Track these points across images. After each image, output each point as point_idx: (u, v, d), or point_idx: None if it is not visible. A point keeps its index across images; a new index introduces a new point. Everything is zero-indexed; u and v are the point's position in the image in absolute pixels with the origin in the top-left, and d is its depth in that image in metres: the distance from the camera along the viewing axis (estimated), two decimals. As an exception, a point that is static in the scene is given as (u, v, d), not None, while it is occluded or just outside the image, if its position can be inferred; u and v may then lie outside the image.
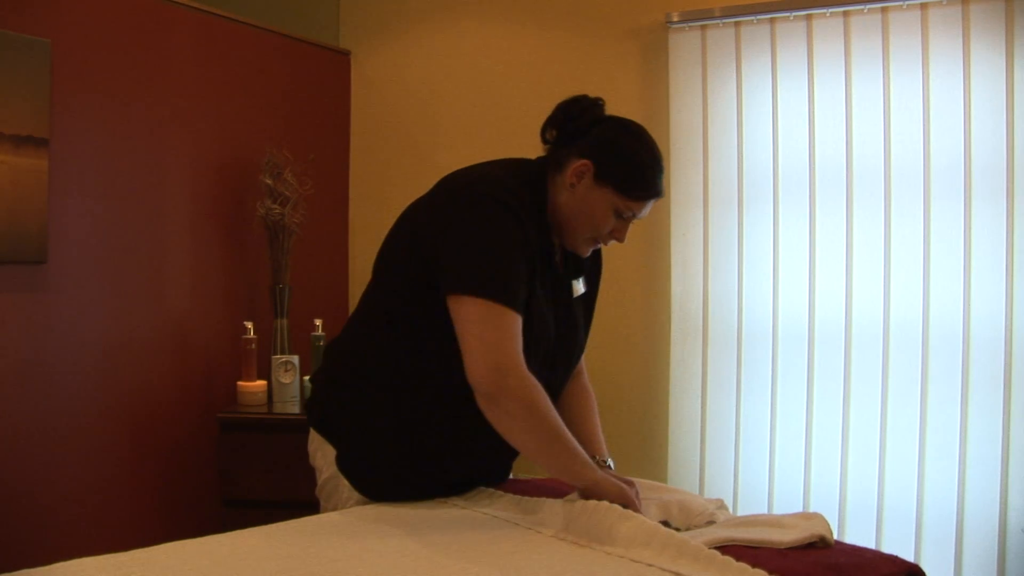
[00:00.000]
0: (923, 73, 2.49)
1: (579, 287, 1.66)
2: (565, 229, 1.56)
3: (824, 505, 2.55)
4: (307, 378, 2.56)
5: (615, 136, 1.54)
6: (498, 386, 1.39)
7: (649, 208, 1.56)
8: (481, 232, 1.43)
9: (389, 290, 1.58)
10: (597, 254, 1.75)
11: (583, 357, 1.78)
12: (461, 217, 1.45)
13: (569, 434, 1.46)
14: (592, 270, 1.73)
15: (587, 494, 1.44)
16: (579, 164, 1.51)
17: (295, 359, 2.75)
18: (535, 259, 1.49)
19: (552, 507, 1.43)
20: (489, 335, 1.40)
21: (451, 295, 1.43)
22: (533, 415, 1.41)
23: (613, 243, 1.62)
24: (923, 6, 2.48)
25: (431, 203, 1.54)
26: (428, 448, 1.54)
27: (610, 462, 1.64)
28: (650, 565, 1.23)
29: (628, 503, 1.42)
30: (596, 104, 1.57)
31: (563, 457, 1.44)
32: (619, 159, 1.52)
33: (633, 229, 3.00)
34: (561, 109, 1.57)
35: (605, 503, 1.38)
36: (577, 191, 1.53)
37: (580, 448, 1.46)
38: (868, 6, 2.53)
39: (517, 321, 1.42)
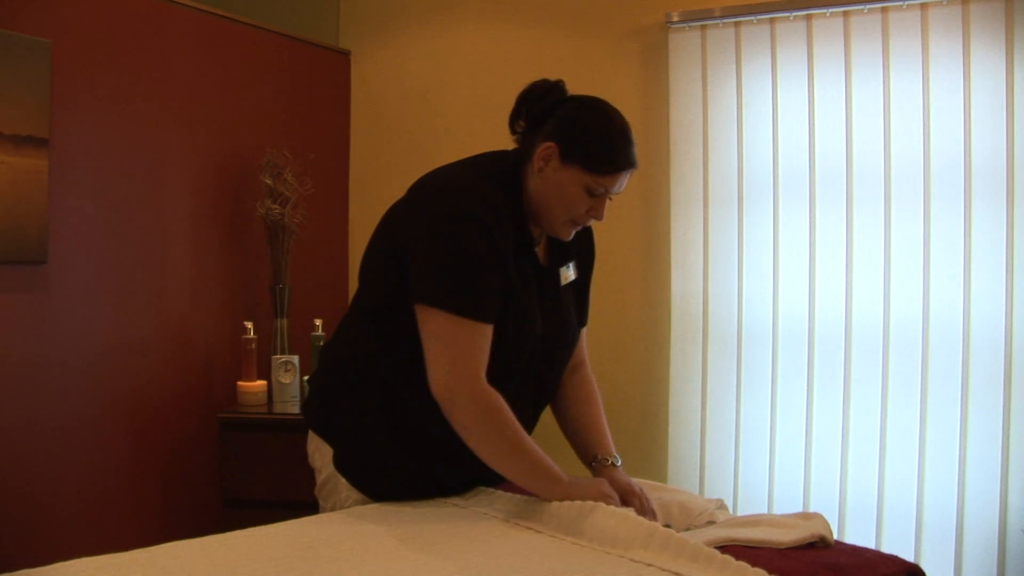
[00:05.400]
0: (923, 73, 2.49)
1: (569, 274, 1.65)
2: (541, 215, 1.56)
3: (824, 505, 2.55)
4: (306, 378, 2.56)
5: (577, 114, 1.52)
6: (450, 399, 1.44)
7: (624, 182, 1.53)
8: (446, 243, 1.45)
9: (374, 294, 1.59)
10: (589, 240, 1.73)
11: (586, 348, 1.77)
12: (429, 227, 1.47)
13: (531, 446, 1.47)
14: (584, 256, 1.71)
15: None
16: (544, 148, 1.51)
17: (295, 359, 2.75)
18: (509, 261, 1.49)
19: (551, 507, 1.43)
20: (444, 351, 1.44)
21: (417, 304, 1.46)
22: (485, 429, 1.44)
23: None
24: (923, 6, 2.48)
25: (404, 211, 1.55)
26: (423, 447, 1.55)
27: (617, 460, 1.63)
28: (650, 565, 1.23)
29: (606, 499, 1.42)
30: (556, 86, 1.56)
31: (524, 470, 1.47)
32: (582, 136, 1.50)
33: (633, 229, 3.01)
34: (522, 97, 1.57)
35: (601, 504, 1.38)
36: (546, 175, 1.52)
37: (544, 460, 1.47)
38: (868, 6, 2.53)
39: (481, 331, 1.44)
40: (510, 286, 1.49)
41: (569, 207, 1.53)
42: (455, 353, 1.43)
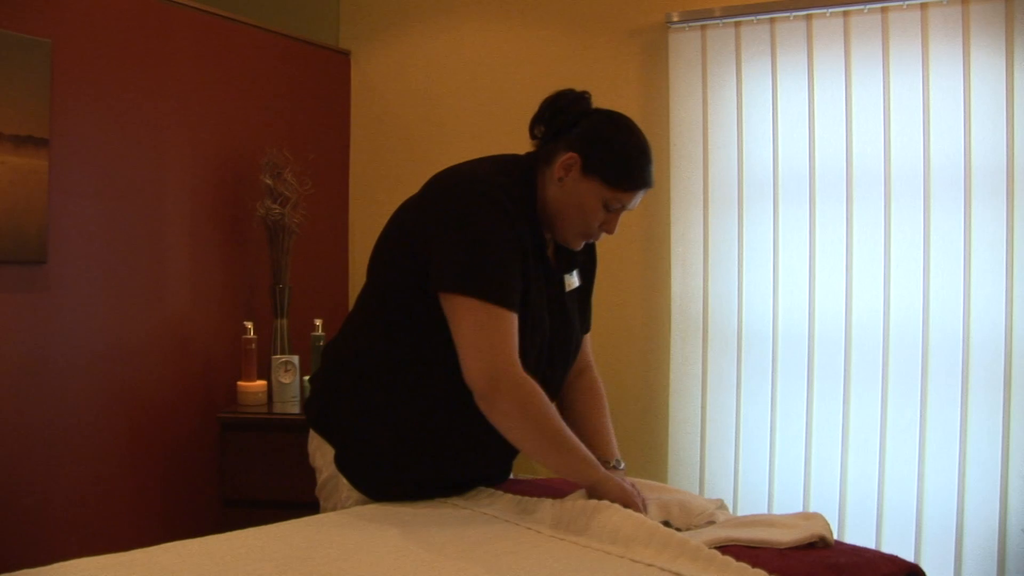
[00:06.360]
0: (923, 73, 2.49)
1: (573, 281, 1.66)
2: (555, 223, 1.56)
3: (824, 505, 2.55)
4: (307, 378, 2.56)
5: (602, 128, 1.53)
6: (492, 388, 1.41)
7: (639, 199, 1.56)
8: (473, 230, 1.44)
9: (383, 290, 1.58)
10: (592, 247, 1.74)
11: (591, 352, 1.77)
12: (452, 215, 1.46)
13: (569, 432, 1.46)
14: (586, 263, 1.72)
15: (591, 493, 1.45)
16: (566, 157, 1.51)
17: (295, 359, 2.75)
18: (527, 256, 1.49)
19: (552, 507, 1.43)
20: (483, 337, 1.41)
21: (444, 293, 1.44)
22: (528, 415, 1.42)
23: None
24: (923, 6, 2.48)
25: (421, 202, 1.54)
26: (425, 447, 1.54)
27: (620, 464, 1.63)
28: (650, 565, 1.23)
29: (630, 504, 1.43)
30: (582, 97, 1.57)
31: (563, 456, 1.45)
32: (606, 151, 1.51)
33: (633, 229, 3.01)
34: (547, 104, 1.57)
35: (605, 502, 1.39)
36: (565, 184, 1.53)
37: (582, 446, 1.47)
38: (868, 6, 2.53)
39: (512, 320, 1.43)
40: (526, 282, 1.49)
41: (584, 218, 1.54)
42: (493, 341, 1.41)
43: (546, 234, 1.59)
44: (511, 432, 1.45)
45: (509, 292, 1.43)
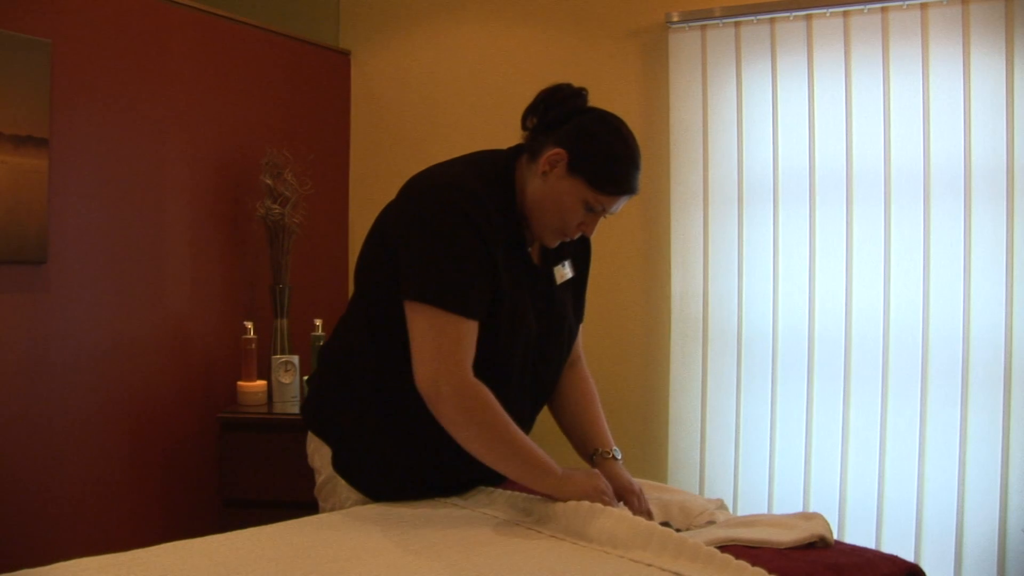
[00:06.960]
0: (923, 73, 2.49)
1: (565, 272, 1.65)
2: (533, 217, 1.55)
3: (824, 505, 2.55)
4: (306, 379, 2.56)
5: (593, 128, 1.51)
6: (435, 394, 1.43)
7: (621, 204, 1.54)
8: (436, 241, 1.44)
9: (369, 294, 1.59)
10: (585, 237, 1.72)
11: (580, 345, 1.77)
12: (419, 225, 1.46)
13: (522, 438, 1.46)
14: (580, 254, 1.71)
15: (555, 499, 1.44)
16: (553, 153, 1.50)
17: (295, 359, 2.75)
18: (499, 260, 1.48)
19: (551, 507, 1.43)
20: (430, 343, 1.43)
21: (406, 301, 1.46)
22: (473, 422, 1.43)
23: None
24: (923, 6, 2.48)
25: (396, 209, 1.55)
26: (421, 448, 1.54)
27: (617, 453, 1.63)
28: (649, 565, 1.23)
29: (599, 496, 1.42)
30: (578, 94, 1.55)
31: (514, 462, 1.46)
32: (593, 151, 1.49)
33: (633, 229, 3.01)
34: (542, 96, 1.56)
35: (598, 506, 1.38)
36: (549, 180, 1.51)
37: (536, 452, 1.46)
38: (868, 6, 2.53)
39: (467, 327, 1.43)
40: (500, 285, 1.48)
41: (563, 216, 1.52)
42: (440, 346, 1.42)
43: (526, 231, 1.58)
44: (459, 438, 1.45)
45: (466, 299, 1.43)
